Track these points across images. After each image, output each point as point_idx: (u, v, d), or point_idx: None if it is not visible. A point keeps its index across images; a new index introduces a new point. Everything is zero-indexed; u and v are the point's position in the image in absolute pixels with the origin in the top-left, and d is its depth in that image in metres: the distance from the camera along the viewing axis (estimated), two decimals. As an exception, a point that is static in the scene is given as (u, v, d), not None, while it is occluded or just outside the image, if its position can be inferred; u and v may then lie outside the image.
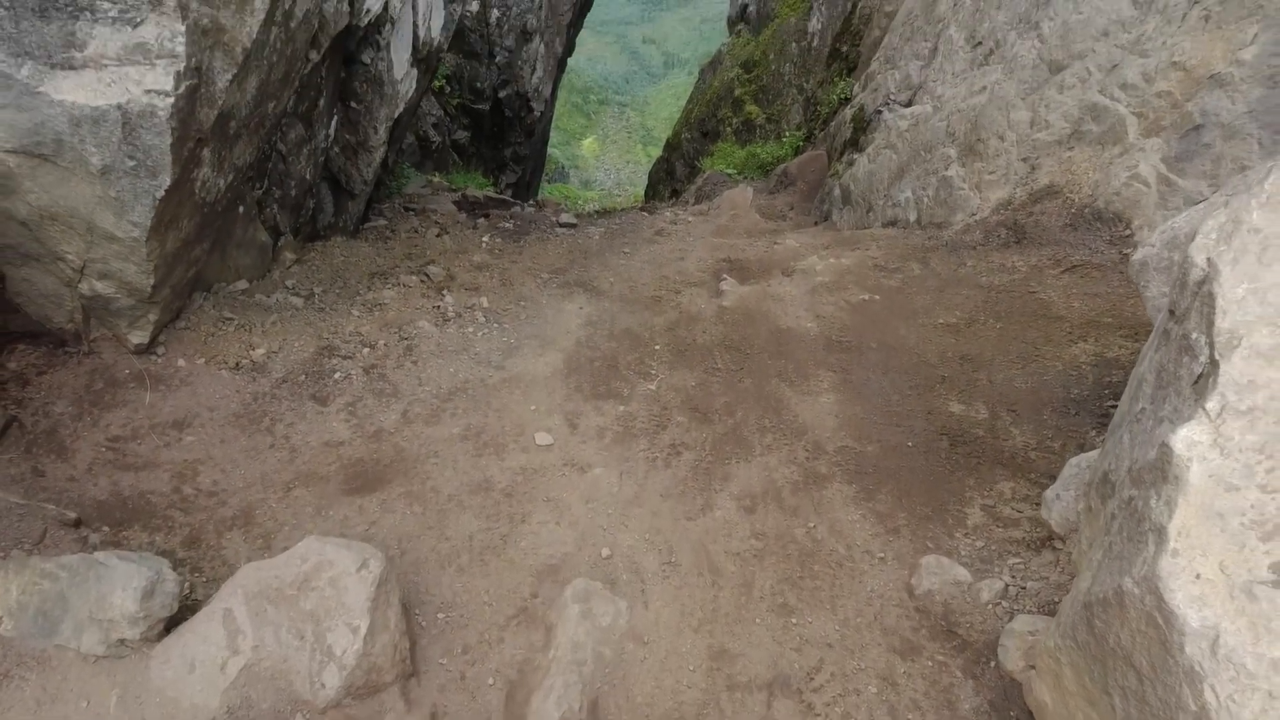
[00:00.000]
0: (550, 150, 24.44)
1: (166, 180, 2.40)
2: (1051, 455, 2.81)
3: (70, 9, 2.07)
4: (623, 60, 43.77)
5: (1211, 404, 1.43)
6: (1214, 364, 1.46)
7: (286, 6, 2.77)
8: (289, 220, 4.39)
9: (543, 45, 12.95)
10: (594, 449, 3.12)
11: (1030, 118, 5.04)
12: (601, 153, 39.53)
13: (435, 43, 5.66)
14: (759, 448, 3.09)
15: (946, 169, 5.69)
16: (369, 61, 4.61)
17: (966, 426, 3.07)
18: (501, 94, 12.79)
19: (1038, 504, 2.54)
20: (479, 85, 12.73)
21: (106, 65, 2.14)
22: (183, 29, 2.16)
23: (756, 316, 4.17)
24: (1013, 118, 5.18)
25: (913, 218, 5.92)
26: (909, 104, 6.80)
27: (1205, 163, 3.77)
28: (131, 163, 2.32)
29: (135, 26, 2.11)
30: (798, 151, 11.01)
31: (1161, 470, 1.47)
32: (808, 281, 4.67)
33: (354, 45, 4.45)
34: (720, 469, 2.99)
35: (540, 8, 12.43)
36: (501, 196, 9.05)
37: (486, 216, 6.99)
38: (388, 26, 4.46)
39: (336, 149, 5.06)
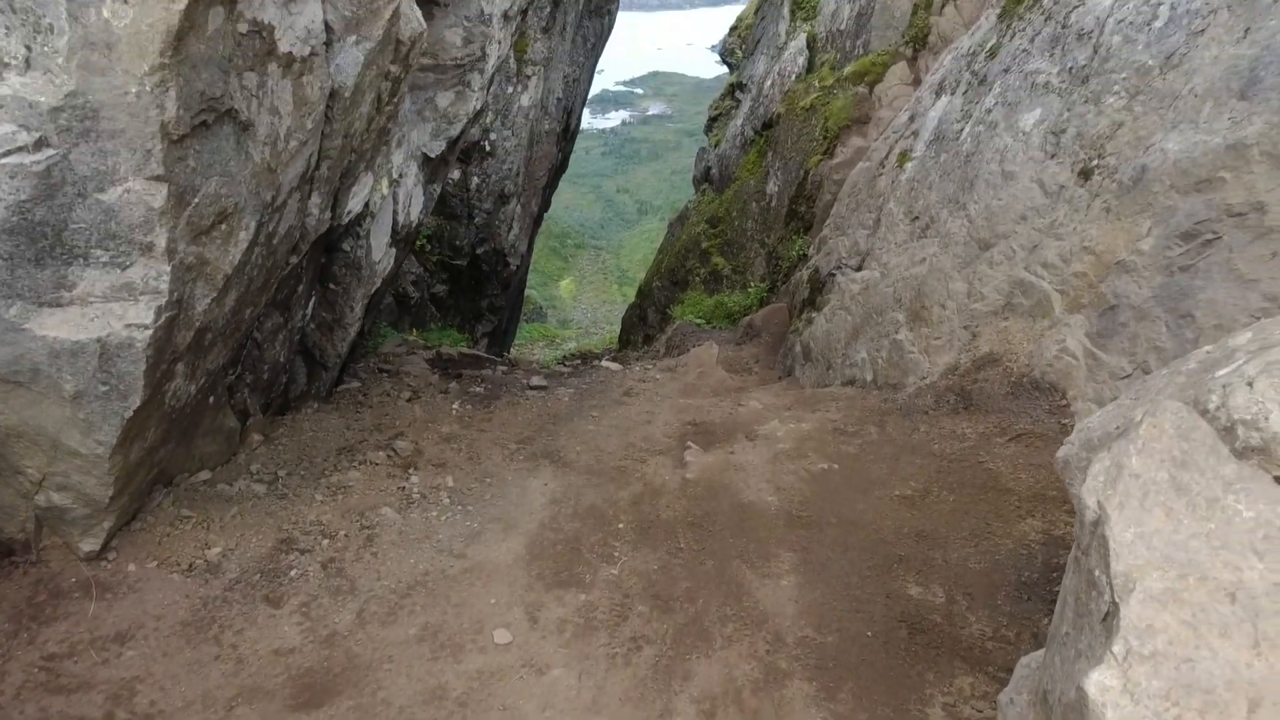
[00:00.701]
0: (529, 292, 25.39)
1: (137, 401, 2.51)
2: (1007, 646, 2.81)
3: (65, 256, 2.26)
4: (598, 208, 46.43)
5: (1118, 647, 1.51)
6: (1115, 605, 1.55)
7: (270, 228, 3.02)
8: (259, 401, 4.49)
9: (519, 206, 13.82)
10: (553, 646, 3.06)
11: (967, 289, 5.44)
12: (578, 293, 40.99)
13: (415, 224, 6.06)
14: (719, 640, 3.06)
15: (897, 333, 6.04)
16: (348, 249, 4.92)
17: (925, 612, 3.08)
18: (479, 250, 13.47)
19: (995, 703, 2.52)
20: (458, 243, 13.43)
21: (92, 302, 2.31)
22: (168, 269, 2.35)
23: (719, 489, 4.24)
24: (951, 288, 5.58)
25: (869, 378, 6.19)
26: (859, 268, 7.30)
27: (1124, 341, 4.07)
28: (104, 388, 2.43)
29: (124, 269, 2.30)
30: (762, 302, 11.60)
31: (1080, 713, 1.52)
32: (769, 448, 4.80)
33: (335, 237, 4.76)
34: (681, 666, 2.94)
35: (518, 174, 13.39)
36: (475, 353, 9.32)
37: (459, 378, 7.16)
38: (368, 219, 4.81)
39: (313, 325, 5.27)
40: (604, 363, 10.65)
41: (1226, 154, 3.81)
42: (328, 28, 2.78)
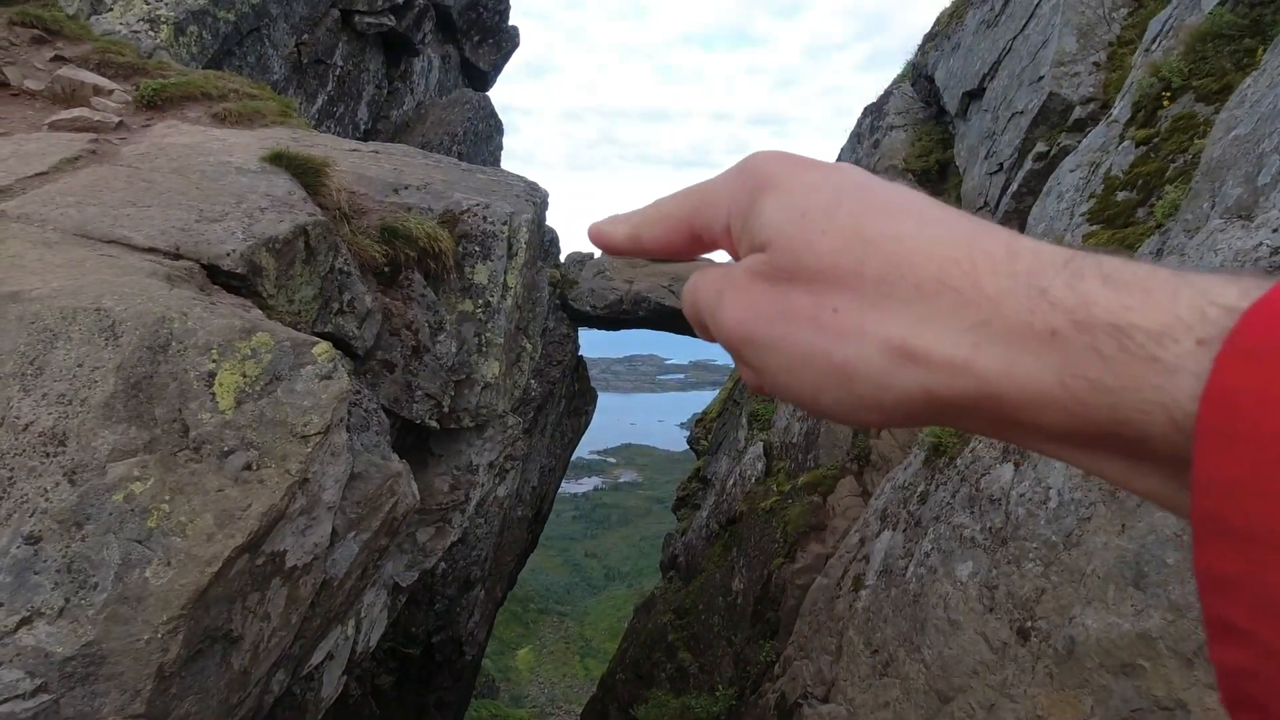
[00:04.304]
0: (483, 661, 23.45)
1: None
2: None
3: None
4: (565, 572, 45.65)
5: None
6: None
7: None
8: None
9: (483, 591, 13.67)
10: None
11: (936, 750, 5.28)
12: (537, 664, 37.99)
13: (373, 648, 5.97)
14: None
15: (869, 791, 5.65)
16: (297, 692, 4.78)
17: None
18: (435, 639, 12.91)
19: None
20: (414, 629, 12.93)
21: None
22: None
23: None
24: (920, 747, 5.41)
25: (846, 847, 5.59)
26: (825, 700, 7.11)
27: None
28: None
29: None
30: (730, 711, 10.94)
31: None
32: None
33: (288, 679, 4.67)
34: None
35: (486, 560, 13.54)
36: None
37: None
38: (326, 662, 4.78)
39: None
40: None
41: (1139, 642, 4.14)
42: (333, 533, 3.20)
